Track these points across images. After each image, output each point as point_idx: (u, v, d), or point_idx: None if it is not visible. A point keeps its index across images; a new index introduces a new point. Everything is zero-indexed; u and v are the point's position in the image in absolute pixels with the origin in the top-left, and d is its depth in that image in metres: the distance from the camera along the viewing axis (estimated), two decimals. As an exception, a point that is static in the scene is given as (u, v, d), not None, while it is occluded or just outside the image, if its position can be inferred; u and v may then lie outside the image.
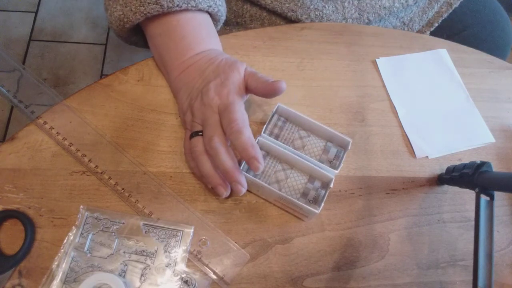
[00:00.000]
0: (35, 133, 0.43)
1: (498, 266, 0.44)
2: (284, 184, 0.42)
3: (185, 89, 0.44)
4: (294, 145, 0.44)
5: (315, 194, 0.42)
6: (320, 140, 0.45)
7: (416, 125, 0.51)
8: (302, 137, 0.45)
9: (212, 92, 0.41)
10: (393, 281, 0.42)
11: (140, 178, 0.42)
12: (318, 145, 0.44)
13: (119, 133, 0.44)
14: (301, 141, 0.44)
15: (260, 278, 0.40)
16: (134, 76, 0.48)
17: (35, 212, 0.39)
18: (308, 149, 0.44)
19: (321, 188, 0.42)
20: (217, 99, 0.40)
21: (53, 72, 1.34)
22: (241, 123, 0.38)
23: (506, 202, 0.48)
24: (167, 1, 0.42)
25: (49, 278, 0.37)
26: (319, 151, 0.44)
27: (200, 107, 0.41)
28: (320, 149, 0.44)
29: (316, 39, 0.55)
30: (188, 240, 0.40)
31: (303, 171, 0.43)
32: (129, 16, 0.44)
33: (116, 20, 0.45)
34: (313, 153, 0.44)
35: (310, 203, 0.42)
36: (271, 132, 0.45)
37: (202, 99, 0.41)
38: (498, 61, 0.58)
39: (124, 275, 0.38)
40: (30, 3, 1.45)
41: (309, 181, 0.42)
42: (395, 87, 0.53)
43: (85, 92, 0.46)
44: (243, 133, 0.37)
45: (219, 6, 0.47)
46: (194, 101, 0.42)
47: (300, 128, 0.45)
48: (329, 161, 0.44)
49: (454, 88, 0.55)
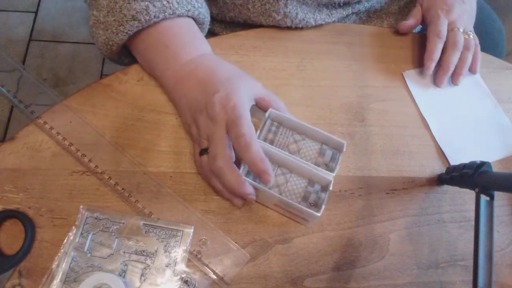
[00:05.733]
0: (35, 133, 0.43)
1: (498, 266, 0.44)
2: (284, 188, 0.42)
3: (185, 101, 0.43)
4: (290, 149, 0.43)
5: (315, 197, 0.41)
6: (315, 143, 0.44)
7: (448, 136, 0.51)
8: (296, 141, 0.44)
9: (218, 106, 0.39)
10: (393, 281, 0.42)
11: (140, 178, 0.42)
12: (313, 148, 0.43)
13: (119, 133, 0.44)
14: (296, 145, 0.43)
15: (260, 278, 0.40)
16: (134, 76, 0.48)
17: (35, 212, 0.39)
18: (303, 152, 0.43)
19: (322, 191, 0.42)
20: (223, 114, 0.39)
21: (53, 72, 1.34)
22: (248, 138, 0.37)
23: (506, 202, 0.48)
24: (143, 15, 0.42)
25: (49, 278, 0.37)
26: (314, 154, 0.43)
27: (206, 121, 0.40)
28: (316, 152, 0.43)
29: (316, 39, 0.55)
30: (188, 240, 0.40)
31: (302, 175, 0.42)
32: (113, 38, 0.44)
33: (103, 45, 0.45)
34: (308, 156, 0.43)
35: (311, 206, 0.41)
36: (265, 138, 0.43)
37: (207, 113, 0.40)
38: (498, 61, 0.58)
39: (124, 275, 0.38)
40: (30, 3, 1.45)
41: (309, 184, 0.42)
42: (424, 99, 0.53)
43: (85, 92, 0.46)
44: (251, 148, 0.37)
45: (199, 9, 0.46)
46: (199, 115, 0.41)
47: (294, 132, 0.44)
48: (325, 164, 0.43)
49: (482, 96, 0.55)
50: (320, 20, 0.56)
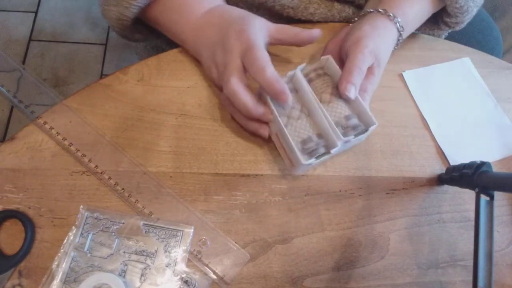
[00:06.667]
0: (35, 133, 0.43)
1: (498, 266, 0.44)
2: (292, 122, 0.41)
3: (205, 49, 0.45)
4: (321, 97, 0.42)
5: (314, 147, 0.40)
6: (348, 107, 0.42)
7: (449, 136, 0.51)
8: (332, 94, 0.43)
9: (233, 38, 0.41)
10: (393, 281, 0.42)
11: (140, 178, 0.42)
12: (343, 110, 0.42)
13: (119, 133, 0.44)
14: (329, 97, 0.42)
15: (260, 278, 0.40)
16: (134, 76, 0.48)
17: (35, 212, 0.39)
18: (332, 106, 0.42)
19: (323, 146, 0.41)
20: (238, 44, 0.40)
21: (53, 72, 1.34)
22: (263, 62, 0.38)
23: (506, 202, 0.48)
24: None
25: (49, 278, 0.37)
26: (341, 114, 0.42)
27: (222, 56, 0.42)
28: (344, 114, 0.42)
29: (316, 39, 0.55)
30: (188, 240, 0.40)
31: (316, 124, 0.42)
32: (125, 13, 0.44)
33: (115, 21, 0.46)
34: (334, 112, 0.42)
35: (305, 153, 0.40)
36: (307, 73, 0.43)
37: (223, 48, 0.41)
38: (498, 61, 0.58)
39: (124, 275, 0.38)
40: (30, 3, 1.45)
41: (317, 135, 0.41)
42: (424, 99, 0.53)
43: (85, 92, 0.46)
44: (267, 70, 0.38)
45: None
46: (217, 53, 0.42)
47: (335, 87, 0.43)
48: (343, 127, 0.41)
49: (482, 96, 0.55)
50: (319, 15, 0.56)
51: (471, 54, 0.58)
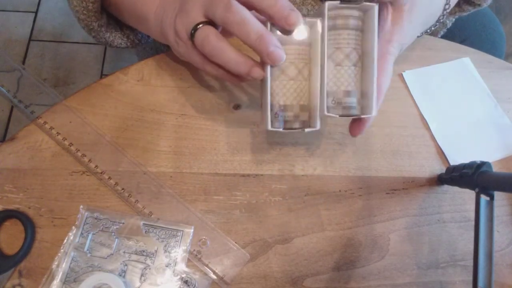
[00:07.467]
0: (35, 133, 0.43)
1: (498, 266, 0.44)
2: (282, 78, 0.33)
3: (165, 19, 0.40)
4: (333, 54, 0.34)
5: (290, 119, 0.34)
6: (355, 82, 0.35)
7: (449, 136, 0.50)
8: (348, 56, 0.34)
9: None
10: (393, 281, 0.42)
11: (140, 178, 0.42)
12: (349, 81, 0.34)
13: (119, 133, 0.44)
14: (342, 58, 0.34)
15: (260, 278, 0.40)
16: (134, 76, 0.48)
17: (35, 212, 0.39)
18: (338, 71, 0.34)
19: (301, 122, 0.34)
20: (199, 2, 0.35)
21: (53, 72, 1.34)
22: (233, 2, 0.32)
23: (506, 202, 0.48)
24: None
25: (49, 278, 0.37)
26: (342, 86, 0.34)
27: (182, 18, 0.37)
28: (344, 87, 0.34)
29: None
30: (188, 240, 0.40)
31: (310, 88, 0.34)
32: None
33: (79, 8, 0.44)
34: (336, 80, 0.34)
35: (278, 118, 0.34)
36: (334, 17, 0.33)
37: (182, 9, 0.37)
38: (498, 61, 0.58)
39: (124, 275, 0.38)
40: (30, 3, 1.45)
41: (300, 106, 0.34)
42: (424, 99, 0.53)
43: (85, 92, 0.46)
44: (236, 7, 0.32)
45: None
46: (175, 17, 0.38)
47: (357, 48, 0.34)
48: (336, 101, 0.34)
49: (482, 96, 0.55)
50: None
51: (471, 54, 0.58)
